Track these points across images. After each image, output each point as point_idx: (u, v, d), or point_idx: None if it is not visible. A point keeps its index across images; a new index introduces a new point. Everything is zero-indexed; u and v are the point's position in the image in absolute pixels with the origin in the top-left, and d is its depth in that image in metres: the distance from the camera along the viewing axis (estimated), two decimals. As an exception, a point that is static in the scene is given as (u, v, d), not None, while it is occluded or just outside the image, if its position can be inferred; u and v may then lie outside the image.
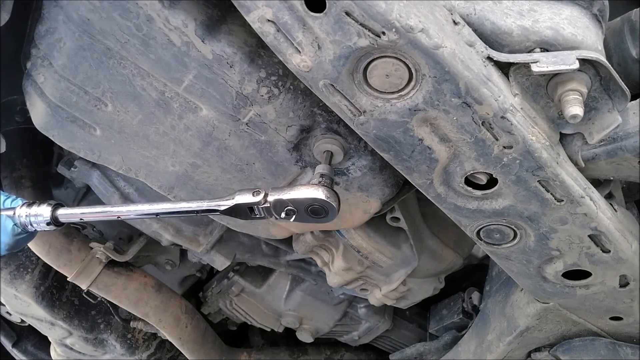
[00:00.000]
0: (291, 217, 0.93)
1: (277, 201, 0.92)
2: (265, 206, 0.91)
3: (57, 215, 0.93)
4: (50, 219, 0.92)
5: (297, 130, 1.01)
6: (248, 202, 0.91)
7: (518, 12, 0.87)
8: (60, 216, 0.93)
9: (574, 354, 1.36)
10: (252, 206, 0.92)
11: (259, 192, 0.92)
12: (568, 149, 0.95)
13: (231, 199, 0.92)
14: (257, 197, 0.91)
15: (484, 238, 1.05)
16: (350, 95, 0.82)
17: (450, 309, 1.84)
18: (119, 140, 1.08)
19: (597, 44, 0.88)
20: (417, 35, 0.74)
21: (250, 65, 0.92)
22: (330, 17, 0.74)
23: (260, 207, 0.92)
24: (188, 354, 1.73)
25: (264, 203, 0.91)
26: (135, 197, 1.37)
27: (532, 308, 1.30)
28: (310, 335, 1.93)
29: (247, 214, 0.93)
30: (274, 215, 0.93)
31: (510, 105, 0.83)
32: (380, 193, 1.13)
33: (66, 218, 0.93)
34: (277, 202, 0.92)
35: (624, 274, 1.10)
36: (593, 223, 0.98)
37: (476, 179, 0.93)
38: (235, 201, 0.92)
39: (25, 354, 1.92)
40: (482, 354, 1.51)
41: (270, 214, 0.93)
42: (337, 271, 1.48)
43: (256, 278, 1.87)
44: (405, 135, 0.86)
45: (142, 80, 0.97)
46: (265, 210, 0.92)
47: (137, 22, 0.88)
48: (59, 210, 0.93)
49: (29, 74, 1.03)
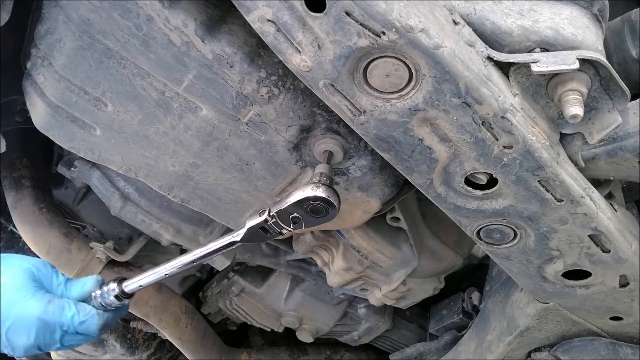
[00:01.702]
0: (299, 224, 0.97)
1: (280, 212, 0.95)
2: (273, 221, 0.97)
3: (123, 289, 1.04)
4: (119, 294, 1.04)
5: (297, 130, 1.01)
6: (257, 223, 0.98)
7: (518, 12, 0.87)
8: (126, 288, 1.05)
9: (574, 354, 1.36)
10: (264, 226, 0.98)
11: (264, 211, 0.98)
12: (568, 149, 0.95)
13: (243, 228, 0.99)
14: (262, 215, 0.97)
15: (484, 238, 1.05)
16: (350, 95, 0.82)
17: (450, 309, 1.84)
18: (119, 140, 1.08)
19: (597, 44, 0.88)
20: (417, 35, 0.74)
21: (250, 65, 0.92)
22: (330, 17, 0.74)
23: (270, 224, 0.97)
24: (188, 354, 1.73)
25: (271, 219, 0.96)
26: (135, 197, 1.37)
27: (532, 308, 1.30)
28: (310, 335, 1.93)
29: (262, 235, 1.00)
30: (284, 228, 0.98)
31: (510, 105, 0.83)
32: (380, 193, 1.13)
33: (130, 288, 1.05)
34: (280, 213, 0.95)
35: (624, 274, 1.10)
36: (593, 223, 0.98)
37: (476, 179, 0.93)
38: (246, 227, 0.98)
39: (25, 354, 1.92)
40: (482, 354, 1.51)
41: (280, 227, 0.98)
42: (337, 271, 1.48)
43: (256, 278, 1.87)
44: (405, 135, 0.86)
45: (142, 80, 0.97)
46: (275, 225, 0.98)
47: (137, 22, 0.88)
48: (124, 284, 1.05)
49: (29, 74, 1.03)
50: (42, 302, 0.96)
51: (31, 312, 0.94)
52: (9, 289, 0.95)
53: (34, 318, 0.94)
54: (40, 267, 1.03)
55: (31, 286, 0.97)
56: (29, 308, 0.94)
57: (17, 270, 0.98)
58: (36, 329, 0.94)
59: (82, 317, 1.00)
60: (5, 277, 0.96)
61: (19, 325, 0.94)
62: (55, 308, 0.97)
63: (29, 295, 0.95)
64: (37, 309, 0.94)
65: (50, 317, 0.96)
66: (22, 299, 0.94)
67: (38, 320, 0.94)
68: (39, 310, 0.94)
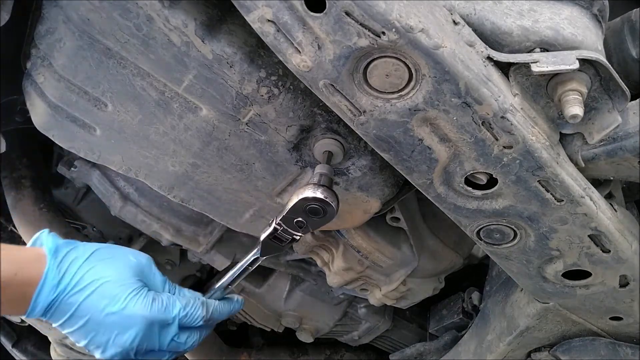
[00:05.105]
0: (305, 227, 0.97)
1: (284, 219, 0.96)
2: (282, 229, 0.98)
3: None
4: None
5: (297, 130, 1.01)
6: (268, 234, 1.00)
7: (518, 12, 0.87)
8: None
9: (574, 354, 1.36)
10: (276, 235, 0.99)
11: (271, 221, 0.99)
12: (568, 149, 0.95)
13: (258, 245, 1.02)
14: (271, 226, 0.99)
15: (484, 238, 1.05)
16: (350, 95, 0.82)
17: (450, 309, 1.84)
18: (119, 140, 1.08)
19: (597, 44, 0.88)
20: (417, 35, 0.74)
21: (250, 65, 0.92)
22: (330, 17, 0.74)
23: (281, 233, 0.98)
24: (188, 354, 1.73)
25: (280, 227, 0.97)
26: (135, 197, 1.37)
27: (532, 308, 1.30)
28: (310, 335, 1.93)
29: (278, 246, 1.01)
30: (294, 234, 0.99)
31: (510, 105, 0.83)
32: (380, 193, 1.13)
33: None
34: (284, 219, 0.96)
35: (624, 274, 1.10)
36: (593, 223, 0.98)
37: (476, 179, 0.93)
38: (261, 240, 1.01)
39: (25, 354, 1.92)
40: (482, 354, 1.51)
41: (291, 233, 0.99)
42: (337, 271, 1.48)
43: (256, 278, 1.86)
44: (405, 135, 0.86)
45: (142, 80, 0.97)
46: (285, 233, 0.98)
47: (137, 22, 0.88)
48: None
49: (29, 74, 1.03)
50: (148, 299, 0.91)
51: (136, 310, 0.88)
52: (113, 284, 0.89)
53: (138, 317, 0.89)
54: (144, 262, 0.97)
55: (136, 282, 0.91)
56: (135, 306, 0.89)
57: (121, 264, 0.92)
58: (140, 329, 0.89)
59: (186, 307, 0.95)
60: (106, 270, 0.90)
61: (121, 324, 0.88)
62: (160, 305, 0.92)
63: (134, 292, 0.90)
64: (143, 307, 0.89)
65: (156, 315, 0.90)
66: (127, 296, 0.89)
67: (143, 319, 0.89)
68: (144, 309, 0.89)
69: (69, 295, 0.86)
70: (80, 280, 0.87)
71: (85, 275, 0.88)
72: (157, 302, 0.92)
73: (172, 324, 0.94)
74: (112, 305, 0.88)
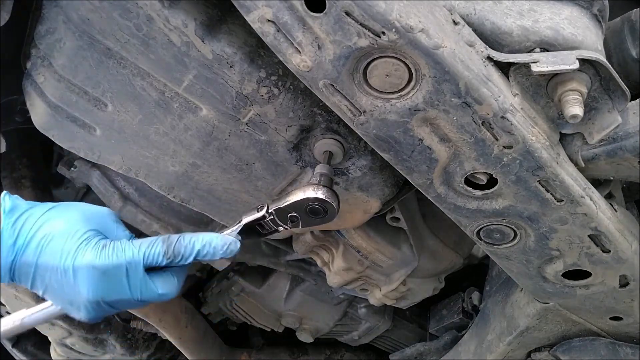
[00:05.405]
0: (297, 223, 0.96)
1: (278, 210, 0.95)
2: (270, 219, 0.96)
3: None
4: None
5: (297, 130, 1.01)
6: (254, 219, 0.96)
7: (518, 12, 0.87)
8: None
9: (574, 354, 1.36)
10: (260, 222, 0.97)
11: (262, 207, 0.97)
12: (568, 149, 0.95)
13: (239, 222, 0.97)
14: (260, 212, 0.96)
15: (484, 238, 1.05)
16: (350, 95, 0.82)
17: (450, 309, 1.84)
18: (119, 140, 1.08)
19: (597, 44, 0.88)
20: (417, 35, 0.74)
21: (250, 65, 0.92)
22: (330, 17, 0.74)
23: (267, 221, 0.96)
24: (188, 354, 1.73)
25: (269, 216, 0.96)
26: (135, 197, 1.37)
27: (532, 308, 1.30)
28: (310, 335, 1.93)
29: (258, 232, 0.99)
30: (281, 226, 0.97)
31: (510, 105, 0.83)
32: (380, 193, 1.13)
33: None
34: (279, 211, 0.95)
35: (624, 274, 1.10)
36: (593, 223, 0.98)
37: (476, 179, 0.93)
38: (243, 222, 0.97)
39: (25, 354, 1.92)
40: (482, 354, 1.51)
41: (277, 224, 0.97)
42: (337, 271, 1.48)
43: (256, 278, 1.86)
44: (405, 135, 0.86)
45: (142, 80, 0.97)
46: (272, 222, 0.97)
47: (137, 22, 0.88)
48: None
49: (29, 74, 1.03)
50: (98, 247, 0.83)
51: (85, 261, 0.82)
52: (62, 238, 0.83)
53: (88, 267, 0.82)
54: (103, 212, 0.90)
55: (86, 233, 0.85)
56: (85, 257, 0.82)
57: (73, 217, 0.86)
58: (93, 280, 0.82)
59: (141, 248, 0.85)
60: (57, 224, 0.84)
61: (77, 278, 0.82)
62: (112, 251, 0.84)
63: (85, 243, 0.83)
64: (92, 256, 0.82)
65: (105, 261, 0.83)
66: (77, 248, 0.82)
67: (93, 269, 0.82)
68: (93, 258, 0.82)
69: (26, 255, 0.82)
70: (32, 238, 0.82)
71: (38, 232, 0.83)
72: (107, 249, 0.84)
73: (134, 268, 0.85)
74: (65, 260, 0.82)
